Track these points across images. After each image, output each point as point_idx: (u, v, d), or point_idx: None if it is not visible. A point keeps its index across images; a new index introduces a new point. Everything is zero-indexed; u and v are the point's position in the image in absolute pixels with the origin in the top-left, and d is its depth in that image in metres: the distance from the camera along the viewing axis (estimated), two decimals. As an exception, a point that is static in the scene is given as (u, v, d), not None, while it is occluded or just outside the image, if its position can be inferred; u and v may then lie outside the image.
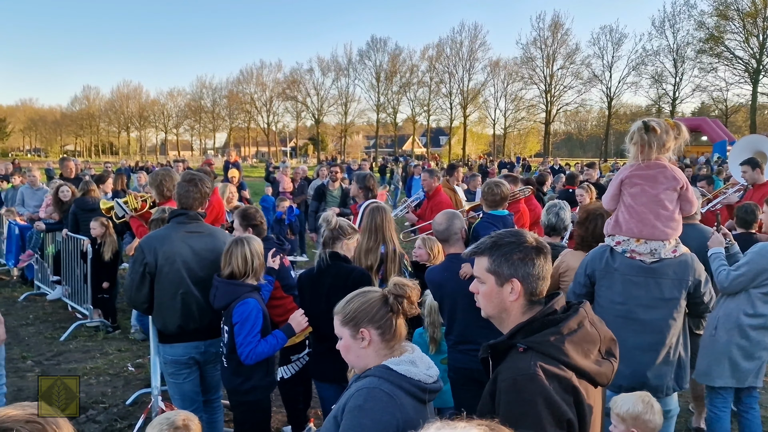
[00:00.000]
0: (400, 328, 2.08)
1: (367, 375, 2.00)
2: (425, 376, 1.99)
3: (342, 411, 1.94)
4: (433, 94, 65.91)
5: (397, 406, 1.88)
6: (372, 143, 78.89)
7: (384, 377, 1.94)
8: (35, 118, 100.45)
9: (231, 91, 79.51)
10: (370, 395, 1.90)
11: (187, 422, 2.56)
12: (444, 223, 3.73)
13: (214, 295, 3.51)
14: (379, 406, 1.87)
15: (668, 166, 3.16)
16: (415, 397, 1.94)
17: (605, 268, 3.25)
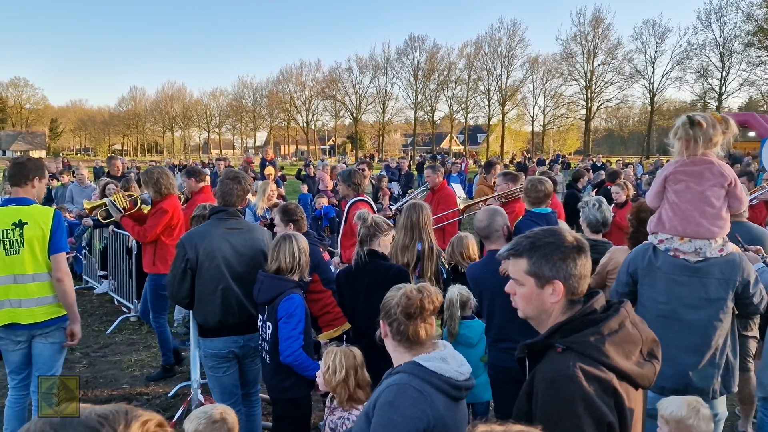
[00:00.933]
0: (411, 333, 2.06)
1: (397, 371, 2.01)
2: (456, 373, 1.97)
3: (373, 407, 1.94)
4: (471, 91, 65.49)
5: (428, 402, 1.87)
6: (410, 141, 78.78)
7: (414, 373, 1.94)
8: (85, 118, 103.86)
9: (271, 90, 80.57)
10: (400, 391, 1.90)
11: (224, 415, 2.60)
12: (485, 220, 3.69)
13: (259, 289, 3.51)
14: (409, 402, 1.87)
15: (715, 161, 3.04)
16: (446, 393, 1.93)
17: (648, 267, 3.16)
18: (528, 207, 4.94)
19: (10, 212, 3.73)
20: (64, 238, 3.87)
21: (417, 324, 2.05)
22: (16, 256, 3.70)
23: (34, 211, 3.77)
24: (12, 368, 3.90)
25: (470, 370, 2.06)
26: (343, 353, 3.01)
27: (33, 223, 3.72)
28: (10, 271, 3.70)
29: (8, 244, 3.69)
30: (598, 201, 4.61)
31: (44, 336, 3.82)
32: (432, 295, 2.10)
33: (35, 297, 3.74)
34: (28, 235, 3.70)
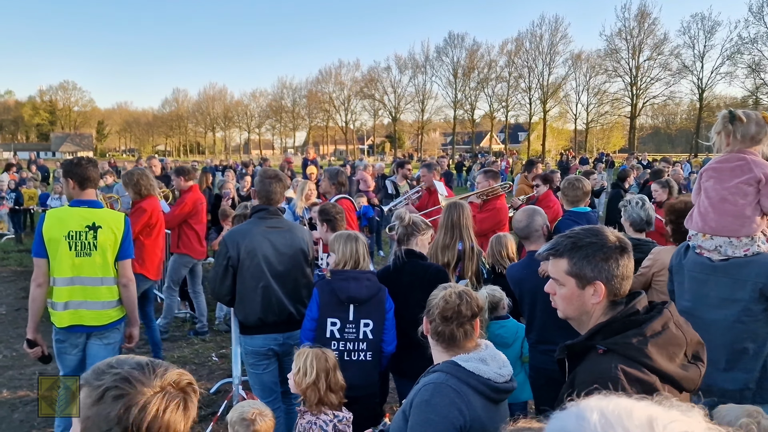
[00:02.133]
0: (457, 336, 2.05)
1: (435, 370, 2.00)
2: (495, 375, 1.95)
3: (410, 405, 1.94)
4: (511, 89, 64.62)
5: (465, 403, 1.86)
6: (449, 140, 78.35)
7: (451, 373, 1.93)
8: (130, 120, 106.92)
9: (310, 90, 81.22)
10: (436, 390, 1.89)
11: (255, 415, 2.64)
12: (524, 220, 3.64)
13: (366, 286, 3.48)
14: (445, 401, 1.86)
15: (749, 159, 2.87)
16: (484, 395, 1.91)
17: (678, 265, 3.10)
18: (566, 206, 4.87)
19: (84, 214, 3.73)
20: (131, 245, 3.91)
21: (453, 328, 2.04)
22: (86, 258, 3.69)
23: (107, 216, 3.80)
24: (67, 372, 3.87)
25: (511, 372, 2.03)
26: (314, 355, 2.97)
27: (106, 228, 3.74)
28: (78, 272, 3.69)
29: (80, 245, 3.67)
30: (641, 199, 4.50)
31: (100, 337, 3.84)
32: (472, 300, 2.08)
33: (102, 300, 3.76)
34: (101, 239, 3.71)
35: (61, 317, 3.71)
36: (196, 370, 5.97)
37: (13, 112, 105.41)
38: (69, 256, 3.65)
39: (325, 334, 3.41)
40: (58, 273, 3.67)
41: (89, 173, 3.81)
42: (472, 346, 2.08)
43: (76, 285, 3.69)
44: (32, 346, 3.78)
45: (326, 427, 2.88)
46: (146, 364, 1.24)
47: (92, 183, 3.85)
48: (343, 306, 3.44)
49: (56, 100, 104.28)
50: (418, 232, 3.67)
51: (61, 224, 3.66)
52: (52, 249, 3.65)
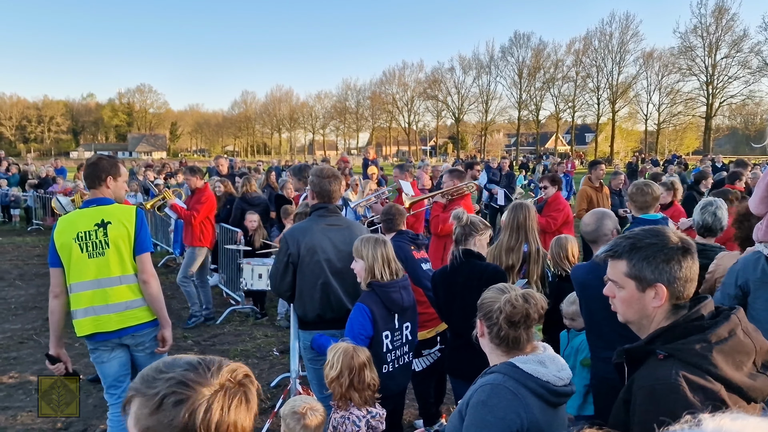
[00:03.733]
0: (512, 338, 2.02)
1: (492, 371, 1.97)
2: (554, 378, 1.90)
3: (466, 405, 1.93)
4: (578, 89, 63.02)
5: (522, 405, 1.82)
6: (513, 141, 77.18)
7: (509, 374, 1.89)
8: (201, 121, 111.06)
9: (374, 92, 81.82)
10: (494, 391, 1.86)
11: (306, 410, 2.68)
12: (593, 224, 3.52)
13: (411, 292, 3.56)
14: (502, 403, 1.83)
15: None
16: (542, 398, 1.87)
17: (762, 278, 2.88)
18: (635, 213, 4.62)
19: (91, 213, 3.52)
20: (148, 238, 3.65)
21: (519, 332, 2.01)
22: (100, 258, 3.47)
23: (116, 210, 3.56)
24: (109, 382, 3.68)
25: (570, 375, 1.98)
26: (343, 350, 2.97)
27: (116, 222, 3.51)
28: (95, 275, 3.47)
29: (91, 246, 3.45)
30: (710, 203, 4.27)
31: (142, 348, 3.65)
32: (538, 303, 2.04)
33: (124, 300, 3.52)
34: (112, 234, 3.48)
35: (82, 325, 3.51)
36: (258, 364, 6.12)
37: (94, 114, 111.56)
38: (82, 258, 3.45)
39: (382, 349, 3.40)
40: (74, 278, 3.49)
41: (93, 172, 3.61)
42: (530, 349, 2.04)
43: (94, 289, 3.48)
44: (54, 362, 3.60)
45: (359, 422, 2.89)
46: (198, 363, 1.16)
47: (97, 182, 3.60)
48: (391, 316, 3.45)
49: (133, 103, 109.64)
50: (477, 232, 3.63)
51: (71, 227, 3.49)
52: (65, 255, 3.47)
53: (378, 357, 3.34)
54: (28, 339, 6.78)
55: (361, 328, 3.37)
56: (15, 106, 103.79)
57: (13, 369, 5.94)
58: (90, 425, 4.74)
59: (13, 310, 8.17)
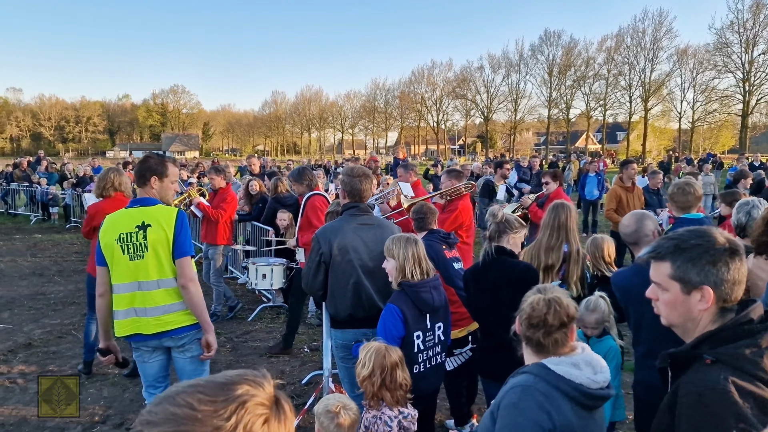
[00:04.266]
0: (545, 343, 1.99)
1: (523, 371, 1.95)
2: (588, 380, 1.87)
3: (498, 408, 1.91)
4: (610, 87, 62.01)
5: (554, 407, 1.79)
6: (542, 140, 76.35)
7: (540, 376, 1.87)
8: (232, 121, 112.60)
9: (403, 91, 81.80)
10: (524, 393, 1.85)
11: (339, 408, 2.68)
12: (633, 224, 3.44)
13: (442, 292, 3.55)
14: (533, 405, 1.81)
15: None
16: (575, 400, 1.84)
17: None
18: (676, 213, 4.51)
19: (134, 214, 3.48)
20: (188, 241, 3.53)
21: (540, 336, 1.99)
22: (140, 261, 3.42)
23: (157, 212, 3.49)
24: (149, 381, 3.68)
25: (608, 378, 1.94)
26: (375, 350, 2.95)
27: (156, 225, 3.43)
28: (135, 277, 3.44)
29: (132, 248, 3.42)
30: (746, 202, 4.14)
31: (182, 350, 3.58)
32: (561, 309, 1.99)
33: (161, 305, 3.46)
34: (151, 238, 3.41)
35: (122, 326, 3.52)
36: (289, 361, 6.18)
37: (129, 115, 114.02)
38: (123, 260, 3.43)
39: (413, 349, 3.39)
40: (116, 279, 3.48)
41: (139, 170, 3.57)
42: (564, 351, 2.00)
43: (134, 291, 3.46)
44: (105, 354, 3.70)
45: (391, 422, 2.88)
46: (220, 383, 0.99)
47: (143, 181, 3.56)
48: (422, 316, 3.43)
49: (167, 103, 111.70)
50: (511, 230, 3.60)
51: (114, 227, 3.47)
52: (108, 254, 3.47)
53: (409, 357, 3.33)
54: (66, 334, 6.96)
55: (393, 328, 3.37)
56: (54, 107, 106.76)
57: (52, 363, 6.10)
58: (127, 419, 4.84)
59: (53, 305, 8.39)
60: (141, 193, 3.59)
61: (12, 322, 7.54)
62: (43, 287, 9.52)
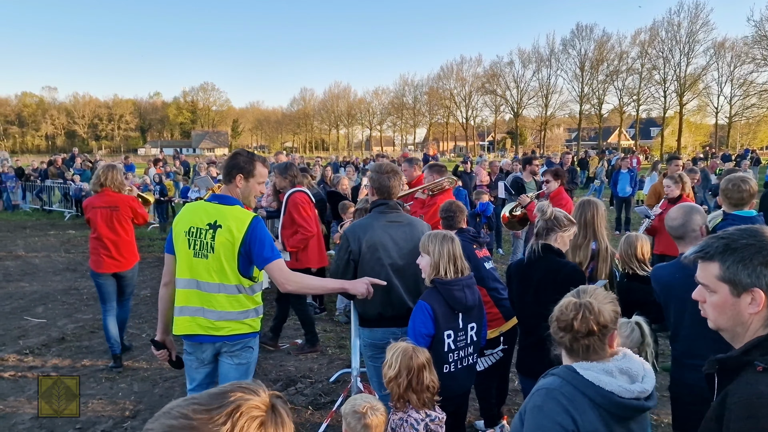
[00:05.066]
0: (574, 348, 1.89)
1: (551, 373, 1.87)
2: (620, 389, 1.76)
3: (525, 409, 1.85)
4: (644, 81, 60.69)
5: (578, 412, 1.71)
6: (573, 136, 75.27)
7: (567, 379, 1.79)
8: (261, 118, 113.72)
9: (431, 87, 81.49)
10: (548, 396, 1.78)
11: (367, 409, 2.63)
12: (680, 218, 3.31)
13: (476, 291, 3.45)
14: (557, 408, 1.73)
15: None
16: (603, 408, 1.74)
17: None
18: (727, 209, 4.33)
19: (210, 210, 3.29)
20: (266, 247, 3.26)
21: (566, 340, 1.90)
22: (203, 260, 3.24)
23: (231, 215, 3.26)
24: (193, 386, 3.52)
25: (647, 390, 1.82)
26: (402, 350, 2.88)
27: (226, 229, 3.22)
28: (195, 275, 3.27)
29: (198, 245, 3.25)
30: None
31: (231, 355, 3.41)
32: (590, 317, 1.86)
33: (218, 310, 3.27)
34: (219, 240, 3.22)
35: (176, 323, 3.37)
36: (317, 359, 6.16)
37: (160, 112, 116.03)
38: (188, 254, 3.27)
39: (443, 348, 3.33)
40: (179, 273, 3.34)
41: (225, 166, 3.43)
42: (600, 357, 1.90)
43: (192, 289, 3.28)
44: (159, 348, 3.54)
45: (417, 426, 2.81)
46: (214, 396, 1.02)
47: (228, 178, 3.38)
48: (454, 315, 3.37)
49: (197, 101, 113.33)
50: (559, 228, 3.48)
51: (188, 218, 3.33)
52: (177, 244, 3.33)
53: (439, 356, 3.28)
54: (98, 329, 7.04)
55: (422, 326, 3.32)
56: (87, 105, 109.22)
57: (84, 357, 6.18)
58: (156, 414, 4.87)
59: (85, 300, 8.53)
60: (224, 191, 3.42)
61: (46, 317, 7.68)
62: (75, 282, 9.70)
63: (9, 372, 5.74)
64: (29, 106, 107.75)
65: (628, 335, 3.23)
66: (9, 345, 6.55)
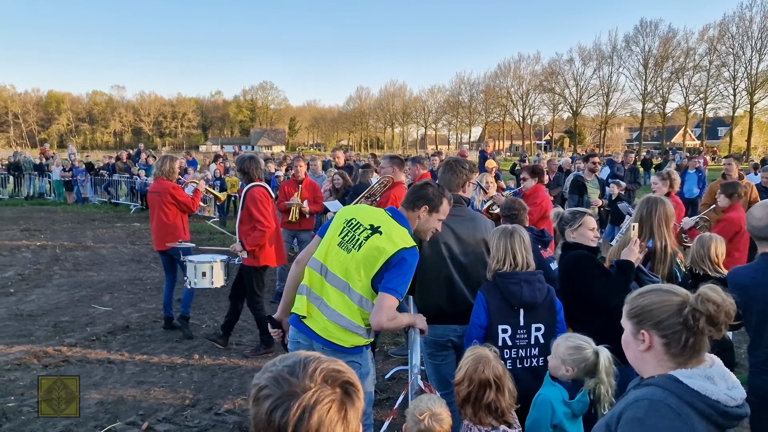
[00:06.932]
0: (697, 346, 1.70)
1: (649, 383, 1.71)
2: (726, 397, 1.60)
3: (617, 421, 1.68)
4: (712, 79, 58.24)
5: (688, 428, 1.55)
6: (635, 136, 72.92)
7: (671, 390, 1.61)
8: (317, 116, 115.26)
9: (488, 85, 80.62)
10: (652, 408, 1.60)
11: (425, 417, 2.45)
12: (764, 218, 3.12)
13: (539, 289, 3.30)
14: (663, 423, 1.55)
15: None
16: (710, 420, 1.59)
17: None
18: None
19: (378, 216, 3.13)
20: (398, 280, 2.93)
21: (704, 337, 1.70)
22: (345, 253, 3.05)
23: (396, 231, 3.05)
24: None
25: (743, 394, 1.67)
26: (473, 357, 2.70)
27: (385, 237, 3.00)
28: (329, 261, 3.08)
29: (349, 236, 3.07)
30: None
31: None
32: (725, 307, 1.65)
33: (334, 309, 3.03)
34: (371, 242, 2.99)
35: (301, 302, 3.14)
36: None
37: (221, 110, 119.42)
38: (333, 239, 3.11)
39: (497, 342, 3.22)
40: (317, 253, 3.18)
41: (418, 194, 3.25)
42: (698, 362, 1.74)
43: (320, 274, 3.09)
44: (275, 326, 3.43)
45: None
46: (299, 361, 1.18)
47: (416, 206, 3.22)
48: (513, 311, 3.26)
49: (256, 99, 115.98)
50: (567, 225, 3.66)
51: (356, 212, 3.20)
52: (331, 229, 3.19)
53: None
54: (161, 318, 7.24)
55: (476, 316, 3.31)
56: (153, 104, 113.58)
57: (147, 346, 6.36)
58: (215, 404, 4.95)
59: (149, 291, 8.79)
60: (403, 212, 3.23)
61: (112, 306, 7.95)
62: (140, 273, 10.02)
63: (77, 358, 5.97)
64: (99, 104, 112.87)
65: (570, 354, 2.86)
66: (77, 331, 6.81)
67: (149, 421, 4.63)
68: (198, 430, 4.53)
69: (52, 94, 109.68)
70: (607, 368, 2.76)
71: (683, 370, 1.66)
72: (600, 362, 2.77)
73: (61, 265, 10.61)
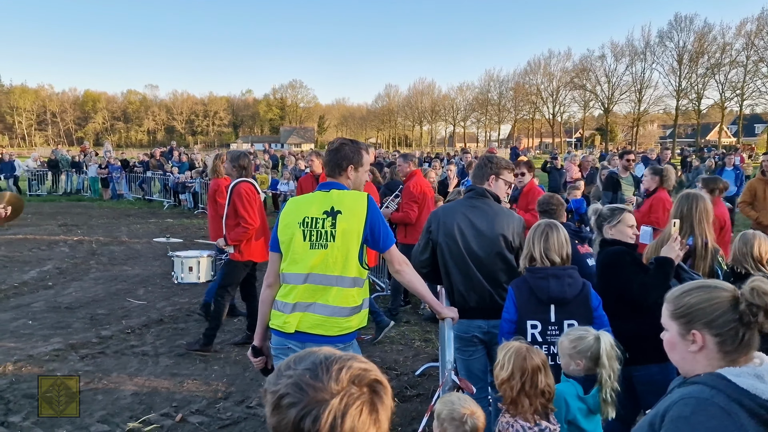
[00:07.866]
0: (751, 341, 1.64)
1: (695, 382, 1.64)
2: None
3: (661, 419, 1.62)
4: (749, 75, 56.59)
5: (736, 426, 1.48)
6: (668, 133, 71.46)
7: (719, 388, 1.55)
8: (346, 114, 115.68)
9: (517, 82, 79.76)
10: (699, 407, 1.53)
11: (467, 417, 2.41)
12: None
13: (568, 284, 3.24)
14: (712, 423, 1.50)
15: None
16: (760, 419, 1.53)
17: None
18: None
19: (322, 198, 3.06)
20: (383, 230, 3.06)
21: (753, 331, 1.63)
22: (321, 250, 2.98)
23: (348, 198, 3.05)
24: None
25: None
26: (515, 351, 2.68)
27: (347, 213, 2.99)
28: (311, 268, 2.99)
29: (315, 235, 2.98)
30: None
31: None
32: None
33: (332, 305, 2.99)
34: (341, 226, 2.97)
35: (288, 321, 3.03)
36: (402, 351, 6.13)
37: (251, 109, 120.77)
38: (302, 247, 3.00)
39: (527, 339, 3.18)
40: (288, 268, 3.06)
41: (332, 159, 3.17)
42: (748, 359, 1.67)
43: (307, 283, 3.01)
44: (257, 355, 3.33)
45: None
46: (320, 362, 1.09)
47: (337, 171, 3.16)
48: (543, 306, 3.22)
49: (285, 98, 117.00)
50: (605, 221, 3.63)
51: (299, 210, 3.08)
52: (286, 238, 3.06)
53: None
54: (193, 312, 7.35)
55: (505, 311, 3.30)
56: (185, 102, 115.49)
57: (180, 339, 6.46)
58: (247, 397, 5.01)
59: (181, 285, 8.92)
60: (333, 178, 3.18)
61: (146, 299, 8.10)
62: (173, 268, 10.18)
63: (113, 350, 6.09)
64: (133, 103, 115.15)
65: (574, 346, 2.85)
66: (113, 324, 6.96)
67: (183, 413, 4.71)
68: (230, 422, 4.59)
69: (88, 93, 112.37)
70: (609, 352, 2.75)
71: (731, 368, 1.60)
72: (601, 346, 2.76)
73: (97, 259, 10.86)
